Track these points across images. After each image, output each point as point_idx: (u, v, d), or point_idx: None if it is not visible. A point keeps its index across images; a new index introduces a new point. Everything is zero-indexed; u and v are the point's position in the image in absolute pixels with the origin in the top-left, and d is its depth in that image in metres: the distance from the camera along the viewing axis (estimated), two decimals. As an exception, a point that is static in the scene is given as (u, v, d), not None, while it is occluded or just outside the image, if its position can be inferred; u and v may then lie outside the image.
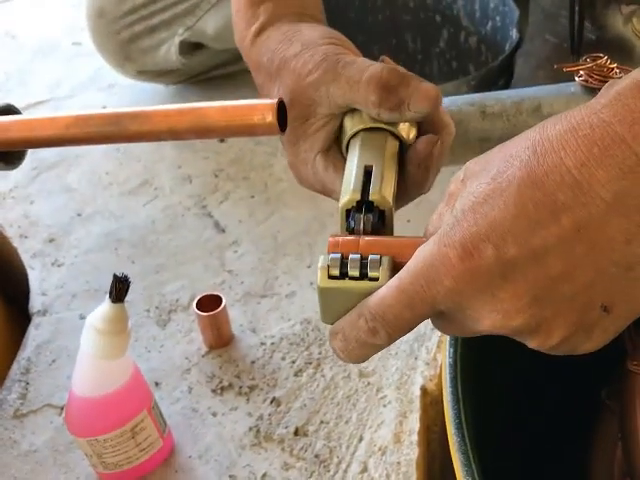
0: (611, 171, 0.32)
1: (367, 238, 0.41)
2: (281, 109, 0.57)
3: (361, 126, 0.51)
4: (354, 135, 0.51)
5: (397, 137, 0.50)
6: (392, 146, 0.50)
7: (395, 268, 0.39)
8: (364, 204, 0.45)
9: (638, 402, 0.60)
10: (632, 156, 0.32)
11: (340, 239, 0.41)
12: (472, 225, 0.34)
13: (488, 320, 0.35)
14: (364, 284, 0.39)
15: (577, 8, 0.88)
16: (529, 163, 0.34)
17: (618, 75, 0.72)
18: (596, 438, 0.67)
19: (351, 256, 0.40)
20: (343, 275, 0.40)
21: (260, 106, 0.57)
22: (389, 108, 0.49)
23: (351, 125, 0.52)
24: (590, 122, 0.33)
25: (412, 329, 0.38)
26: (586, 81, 0.72)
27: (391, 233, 0.46)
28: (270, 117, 0.56)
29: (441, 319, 0.38)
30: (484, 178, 0.35)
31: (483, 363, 0.61)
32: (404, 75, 0.50)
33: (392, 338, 0.38)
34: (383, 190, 0.45)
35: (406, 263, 0.38)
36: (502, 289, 0.34)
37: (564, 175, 0.33)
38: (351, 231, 0.44)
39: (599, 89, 0.74)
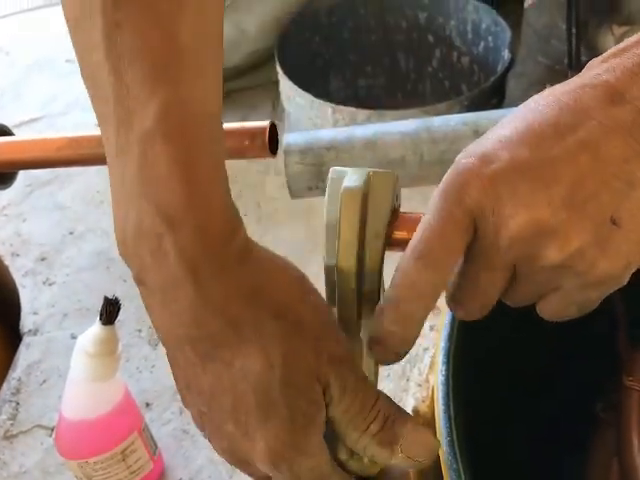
0: (600, 102, 0.37)
1: None
2: (272, 132, 0.57)
3: None
4: None
5: None
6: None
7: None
8: None
9: (634, 417, 0.61)
10: (617, 93, 0.37)
11: None
12: (486, 142, 0.38)
13: (512, 219, 0.37)
14: None
15: (574, 30, 0.89)
16: (533, 107, 0.38)
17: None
18: (593, 451, 0.68)
19: None
20: None
21: (251, 129, 0.57)
22: (380, 442, 0.41)
23: None
24: (582, 77, 0.39)
25: (459, 253, 0.38)
26: (577, 104, 0.72)
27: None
28: (260, 140, 0.57)
29: (473, 244, 0.39)
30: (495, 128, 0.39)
31: (476, 379, 0.61)
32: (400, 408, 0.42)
33: (439, 281, 0.38)
34: None
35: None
36: (521, 185, 0.37)
37: (562, 107, 0.38)
38: None
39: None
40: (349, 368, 0.41)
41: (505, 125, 0.39)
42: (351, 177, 0.41)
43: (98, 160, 0.58)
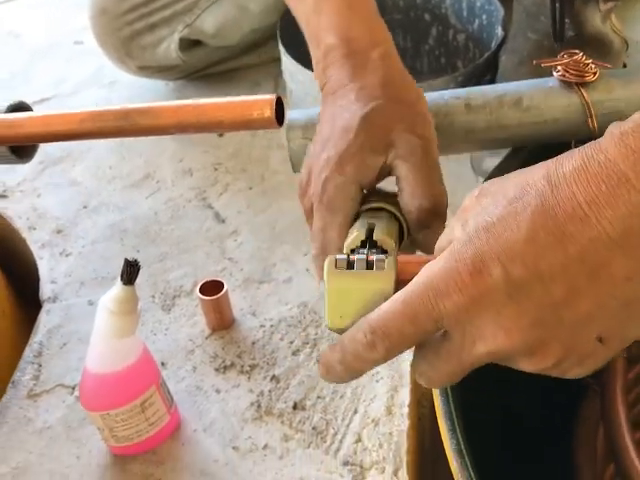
0: (618, 210, 0.33)
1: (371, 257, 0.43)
2: (279, 104, 0.62)
3: (369, 205, 0.54)
4: (359, 214, 0.54)
5: (397, 220, 0.54)
6: (393, 222, 0.53)
7: (398, 282, 0.41)
8: (368, 243, 0.47)
9: (618, 383, 0.64)
10: (637, 195, 0.33)
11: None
12: (484, 244, 0.36)
13: (490, 339, 0.36)
14: (370, 279, 0.41)
15: (558, 4, 0.93)
16: (544, 193, 0.35)
17: (593, 70, 0.76)
18: (580, 418, 0.71)
19: (357, 256, 0.43)
20: (350, 265, 0.42)
21: (259, 102, 0.62)
22: (422, 224, 0.54)
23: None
24: (598, 160, 0.34)
25: (410, 347, 0.39)
26: (563, 76, 0.76)
27: None
28: (268, 112, 0.61)
29: (437, 345, 0.39)
30: (500, 200, 0.37)
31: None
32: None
33: (390, 354, 0.39)
34: (387, 232, 0.48)
35: (410, 280, 0.38)
36: (507, 307, 0.36)
37: (575, 208, 0.34)
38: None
39: (575, 83, 0.79)
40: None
41: (513, 218, 0.36)
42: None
43: (120, 132, 0.63)
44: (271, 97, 0.61)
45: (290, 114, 0.73)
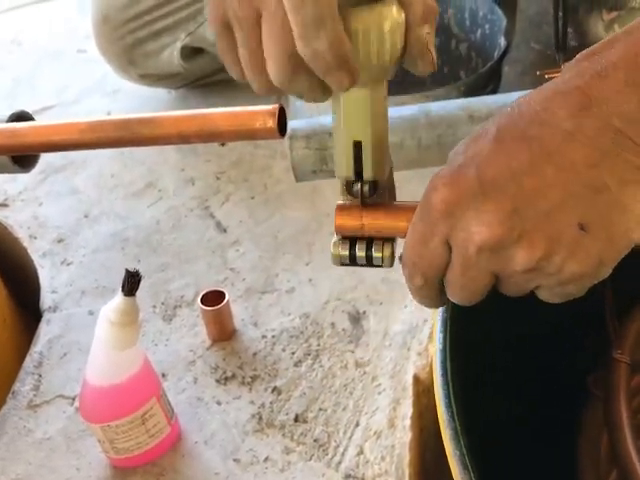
0: (570, 109, 0.39)
1: (370, 221, 0.48)
2: (281, 115, 0.62)
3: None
4: None
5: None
6: (380, 94, 0.49)
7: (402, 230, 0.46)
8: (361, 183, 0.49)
9: (622, 389, 0.64)
10: (586, 99, 0.39)
11: (346, 223, 0.49)
12: (463, 159, 0.41)
13: (476, 236, 0.41)
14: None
15: (561, 14, 0.93)
16: (510, 112, 0.42)
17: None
18: (583, 424, 0.71)
19: (358, 245, 0.48)
20: (352, 257, 0.49)
21: (262, 112, 0.61)
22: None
23: None
24: (556, 82, 0.41)
25: (438, 266, 0.43)
26: (567, 87, 0.76)
27: (393, 195, 0.51)
28: (271, 122, 0.61)
29: (450, 263, 0.44)
30: (478, 129, 0.43)
31: (473, 347, 0.65)
32: None
33: (428, 280, 0.44)
34: (375, 168, 0.48)
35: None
36: (484, 203, 0.40)
37: (533, 116, 0.40)
38: (353, 194, 0.49)
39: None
40: None
41: (482, 136, 0.42)
42: None
43: (121, 142, 0.63)
44: (274, 107, 0.61)
45: (292, 124, 0.72)
